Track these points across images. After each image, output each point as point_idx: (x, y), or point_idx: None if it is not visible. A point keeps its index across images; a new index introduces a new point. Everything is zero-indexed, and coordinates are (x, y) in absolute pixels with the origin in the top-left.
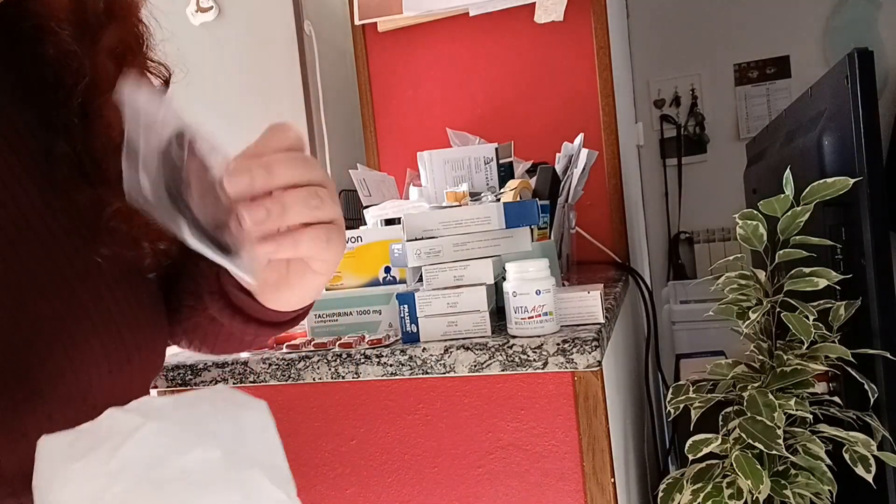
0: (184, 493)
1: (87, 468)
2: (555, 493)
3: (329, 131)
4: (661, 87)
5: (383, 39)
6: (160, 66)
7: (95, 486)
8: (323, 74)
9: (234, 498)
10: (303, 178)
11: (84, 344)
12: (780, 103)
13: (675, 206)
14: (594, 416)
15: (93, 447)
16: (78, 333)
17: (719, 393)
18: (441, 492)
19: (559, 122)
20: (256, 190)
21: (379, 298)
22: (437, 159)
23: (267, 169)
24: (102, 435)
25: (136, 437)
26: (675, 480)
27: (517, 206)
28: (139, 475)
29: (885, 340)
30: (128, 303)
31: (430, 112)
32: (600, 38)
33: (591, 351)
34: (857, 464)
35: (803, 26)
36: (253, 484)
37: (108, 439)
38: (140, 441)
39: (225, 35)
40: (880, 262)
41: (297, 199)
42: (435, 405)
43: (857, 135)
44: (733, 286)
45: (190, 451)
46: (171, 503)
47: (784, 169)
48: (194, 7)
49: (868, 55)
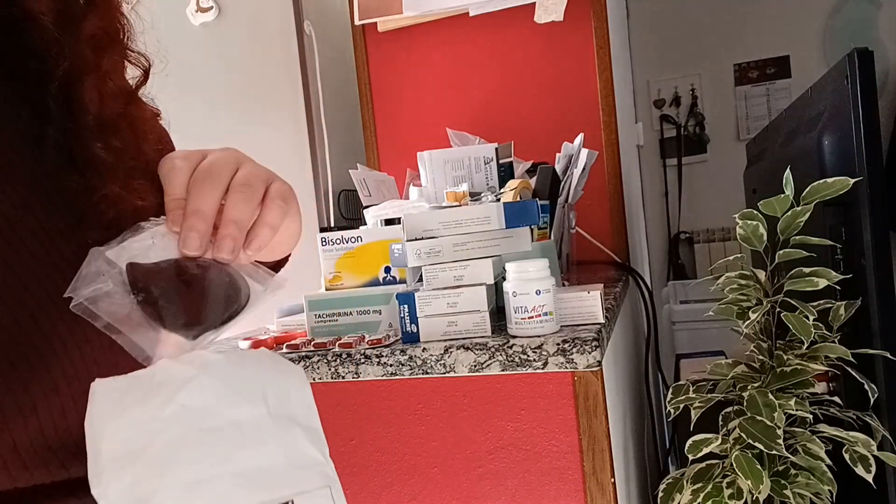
0: (232, 444)
1: (142, 414)
2: (555, 493)
3: (329, 131)
4: (661, 87)
5: (383, 39)
6: (140, 56)
7: (150, 430)
8: (323, 74)
9: (276, 453)
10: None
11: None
12: (780, 103)
13: (675, 206)
14: (594, 416)
15: (147, 394)
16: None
17: (719, 393)
18: (441, 492)
19: (559, 122)
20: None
21: (379, 298)
22: (437, 159)
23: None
24: (156, 382)
25: (189, 388)
26: (675, 480)
27: (517, 206)
28: (192, 423)
29: (885, 340)
30: None
31: (430, 112)
32: (600, 38)
33: (591, 351)
34: (857, 464)
35: (803, 26)
36: (293, 442)
37: (163, 387)
38: (193, 392)
39: (225, 35)
40: (880, 262)
41: (236, 206)
42: (435, 405)
43: (857, 135)
44: (733, 286)
45: (240, 406)
46: (221, 451)
47: (784, 169)
48: (194, 7)
49: (868, 55)
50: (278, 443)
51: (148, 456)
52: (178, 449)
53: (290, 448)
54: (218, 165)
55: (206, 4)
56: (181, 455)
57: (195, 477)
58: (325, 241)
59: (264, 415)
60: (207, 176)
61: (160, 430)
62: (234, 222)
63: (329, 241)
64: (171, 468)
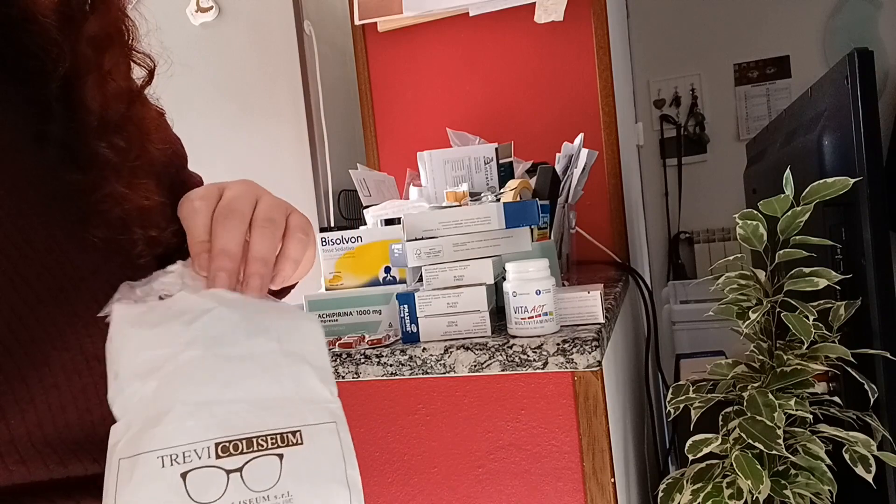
0: (245, 372)
1: (160, 336)
2: (555, 493)
3: (329, 131)
4: (661, 87)
5: (383, 39)
6: (145, 56)
7: (167, 352)
8: (323, 74)
9: (286, 386)
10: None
11: (85, 312)
12: (780, 103)
13: (675, 206)
14: (594, 416)
15: (166, 319)
16: (79, 303)
17: (719, 393)
18: (441, 492)
19: (559, 122)
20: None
21: (379, 298)
22: (437, 159)
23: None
24: (175, 310)
25: (208, 316)
26: (675, 480)
27: (517, 206)
28: (209, 347)
29: (885, 340)
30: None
31: (430, 112)
32: (600, 38)
33: (591, 351)
34: (857, 464)
35: (803, 26)
36: (303, 377)
37: (182, 314)
38: (211, 320)
39: (225, 35)
40: (880, 262)
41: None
42: (435, 405)
43: (857, 135)
44: (733, 286)
45: (254, 338)
46: (234, 377)
47: (784, 169)
48: (194, 7)
49: (868, 55)
50: (289, 376)
51: (164, 374)
52: (193, 371)
53: (300, 382)
54: (239, 202)
55: (206, 4)
56: (196, 377)
57: (208, 398)
58: (325, 241)
59: (276, 350)
60: (230, 214)
61: (177, 352)
62: (261, 259)
63: (329, 241)
64: (185, 388)
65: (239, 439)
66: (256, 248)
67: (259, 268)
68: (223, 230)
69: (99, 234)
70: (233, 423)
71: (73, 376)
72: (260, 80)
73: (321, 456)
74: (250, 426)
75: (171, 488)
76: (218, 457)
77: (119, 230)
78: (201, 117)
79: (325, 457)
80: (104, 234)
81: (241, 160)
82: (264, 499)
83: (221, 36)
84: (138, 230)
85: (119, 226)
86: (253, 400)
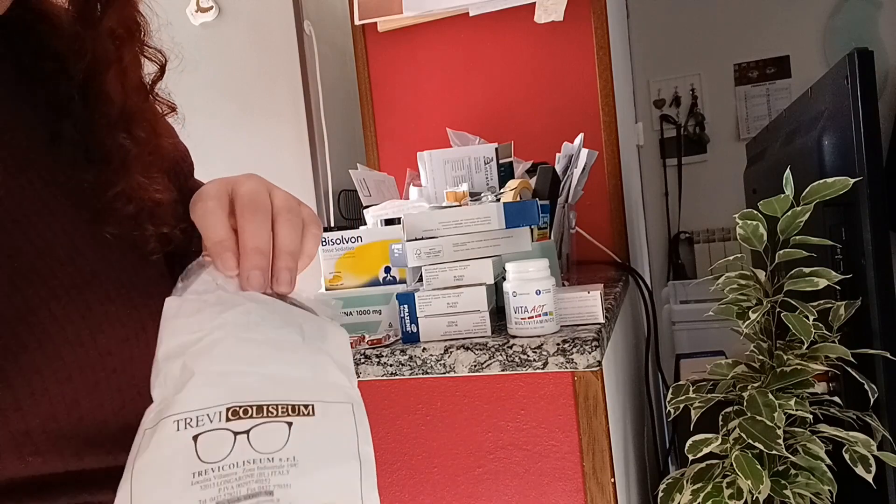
0: (265, 354)
1: (192, 323)
2: (555, 493)
3: (329, 131)
4: (661, 87)
5: (383, 39)
6: (157, 52)
7: (196, 336)
8: (323, 74)
9: (305, 370)
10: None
11: (98, 308)
12: (780, 103)
13: (675, 206)
14: (594, 416)
15: (200, 309)
16: (92, 299)
17: (719, 393)
18: (441, 492)
19: (559, 122)
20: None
21: (379, 298)
22: (437, 159)
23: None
24: (210, 303)
25: (237, 309)
26: (675, 480)
27: (517, 206)
28: (233, 332)
29: (885, 340)
30: (137, 275)
31: (430, 112)
32: (600, 38)
33: (591, 351)
34: (857, 464)
35: (803, 26)
36: (321, 366)
37: (215, 306)
38: (240, 312)
39: (225, 35)
40: (880, 262)
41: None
42: (435, 405)
43: (857, 135)
44: (733, 286)
45: (279, 329)
46: (254, 356)
47: (784, 169)
48: (194, 7)
49: (868, 55)
50: (309, 363)
51: (191, 351)
52: (216, 348)
53: (319, 370)
54: (258, 196)
55: (206, 4)
56: (217, 352)
57: (226, 369)
58: (325, 241)
59: (300, 341)
60: (256, 209)
61: (205, 335)
62: (290, 253)
63: (329, 241)
64: (207, 360)
65: (249, 405)
66: (285, 241)
67: (288, 261)
68: (253, 226)
69: (112, 231)
70: (246, 391)
71: (86, 370)
72: (260, 80)
73: (332, 430)
74: (263, 395)
75: (182, 450)
76: (228, 420)
77: (131, 227)
78: (201, 117)
79: (336, 431)
80: (117, 230)
81: (241, 160)
82: (269, 460)
83: (221, 36)
84: (150, 227)
85: (131, 222)
86: (269, 376)
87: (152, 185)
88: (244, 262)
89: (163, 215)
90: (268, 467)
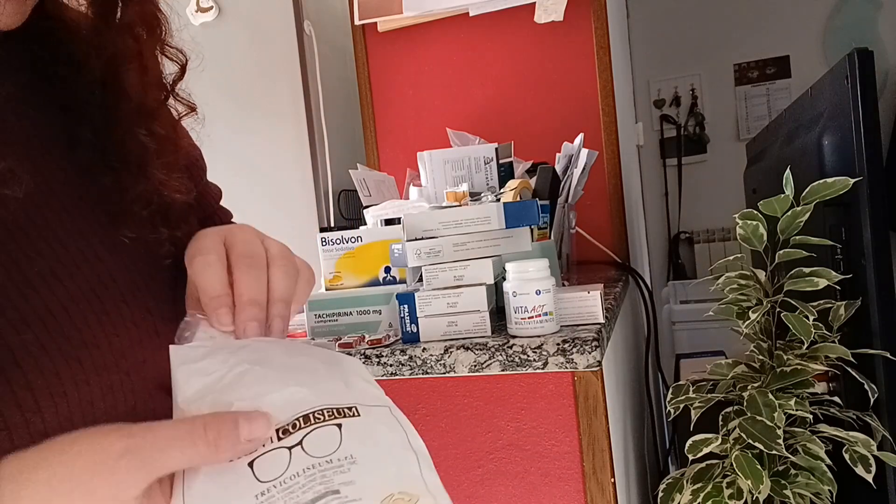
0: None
1: (207, 365)
2: (555, 493)
3: (329, 131)
4: (661, 87)
5: (383, 39)
6: (178, 51)
7: (217, 375)
8: (323, 74)
9: (336, 383)
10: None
11: (115, 312)
12: (780, 103)
13: (675, 206)
14: (594, 416)
15: (210, 354)
16: (109, 302)
17: (719, 393)
18: None
19: (559, 122)
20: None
21: (379, 298)
22: (437, 159)
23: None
24: (218, 347)
25: (248, 348)
26: (675, 480)
27: (517, 206)
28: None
29: (885, 340)
30: (152, 278)
31: (430, 112)
32: (600, 38)
33: (591, 351)
34: (857, 464)
35: (803, 26)
36: (349, 379)
37: (223, 349)
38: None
39: (225, 35)
40: (880, 262)
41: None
42: (435, 405)
43: (857, 135)
44: (733, 286)
45: (296, 357)
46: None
47: (784, 169)
48: (194, 7)
49: (868, 55)
50: (337, 377)
51: (217, 388)
52: (244, 377)
53: (350, 381)
54: (253, 247)
55: (206, 4)
56: (247, 380)
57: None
58: (325, 241)
59: (319, 364)
60: (251, 262)
61: (226, 371)
62: (283, 301)
63: (329, 241)
64: (240, 389)
65: (297, 419)
66: (279, 288)
67: (282, 309)
68: (249, 278)
69: (128, 234)
70: (287, 408)
71: (101, 372)
72: (260, 80)
73: (381, 426)
74: (306, 406)
75: (239, 479)
76: (279, 439)
77: (147, 230)
78: (200, 118)
79: (384, 427)
80: (133, 233)
81: (241, 160)
82: (328, 462)
83: (221, 36)
84: (164, 230)
85: (147, 226)
86: (305, 383)
87: (172, 184)
88: (240, 314)
89: (178, 219)
90: (328, 469)
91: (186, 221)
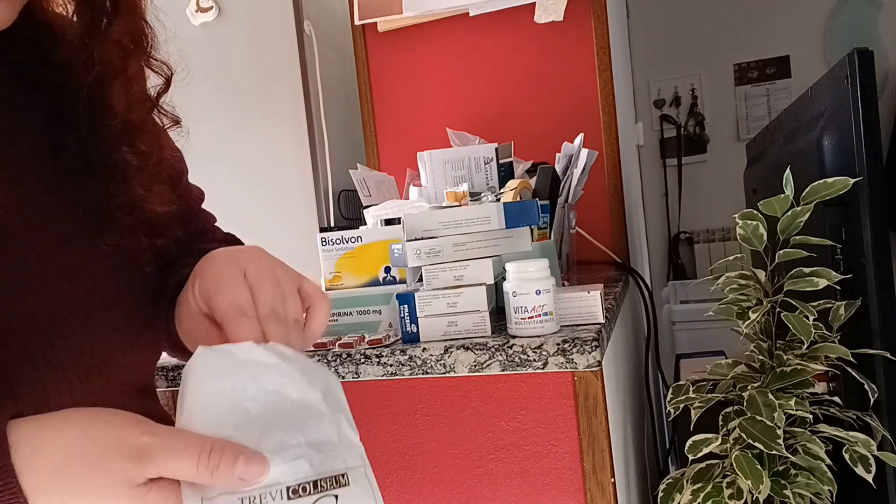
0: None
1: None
2: (555, 493)
3: (329, 131)
4: (661, 87)
5: (383, 39)
6: (163, 64)
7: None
8: (323, 74)
9: (331, 432)
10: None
11: (98, 318)
12: (780, 103)
13: (675, 206)
14: (594, 416)
15: (234, 371)
16: (92, 308)
17: (719, 393)
18: (441, 492)
19: (559, 122)
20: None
21: (379, 298)
22: (437, 159)
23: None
24: (241, 361)
25: (271, 373)
26: (675, 480)
27: (517, 206)
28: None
29: (885, 340)
30: (134, 284)
31: (430, 112)
32: (600, 38)
33: (591, 351)
34: (857, 464)
35: (803, 26)
36: (341, 425)
37: (248, 367)
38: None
39: (225, 35)
40: (880, 262)
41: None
42: (435, 405)
43: (857, 135)
44: (733, 286)
45: (307, 391)
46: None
47: (784, 169)
48: (194, 7)
49: (868, 55)
50: (332, 423)
51: (235, 424)
52: (260, 421)
53: (340, 429)
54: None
55: (206, 4)
56: (263, 426)
57: (278, 444)
58: (325, 241)
59: (321, 400)
60: (278, 319)
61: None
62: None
63: (329, 241)
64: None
65: (307, 482)
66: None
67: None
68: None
69: (111, 242)
70: (301, 469)
71: (84, 378)
72: (260, 80)
73: (361, 495)
74: (313, 470)
75: None
76: (289, 499)
77: (129, 238)
78: (200, 118)
79: (364, 496)
80: (115, 241)
81: (241, 160)
82: None
83: (221, 36)
84: (146, 239)
85: (129, 234)
86: (312, 444)
87: (153, 198)
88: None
89: (160, 227)
90: None
91: (169, 230)
